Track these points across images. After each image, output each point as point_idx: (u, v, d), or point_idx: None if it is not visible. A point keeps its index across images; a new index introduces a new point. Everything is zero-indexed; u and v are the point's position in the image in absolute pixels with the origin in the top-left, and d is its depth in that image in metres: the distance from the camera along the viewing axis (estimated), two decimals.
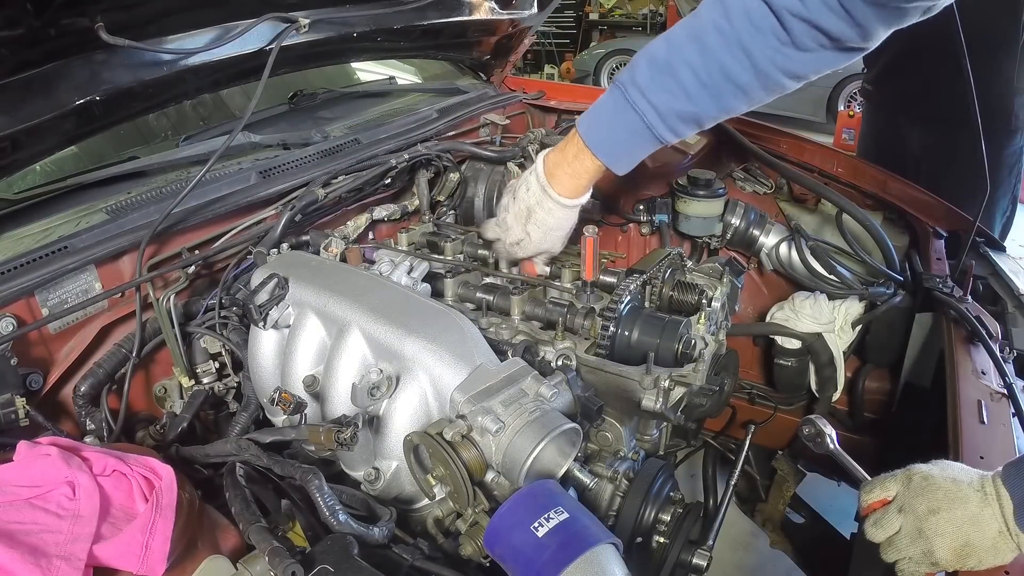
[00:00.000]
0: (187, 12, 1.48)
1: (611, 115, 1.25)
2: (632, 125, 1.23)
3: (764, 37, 1.13)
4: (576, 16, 11.07)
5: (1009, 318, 1.62)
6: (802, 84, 1.22)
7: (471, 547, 0.99)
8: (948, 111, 2.19)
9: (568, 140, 1.31)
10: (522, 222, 1.37)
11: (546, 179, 1.32)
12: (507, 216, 1.40)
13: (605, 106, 1.26)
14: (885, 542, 0.96)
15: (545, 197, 1.33)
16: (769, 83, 1.18)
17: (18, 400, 1.11)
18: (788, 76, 1.18)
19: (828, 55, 1.15)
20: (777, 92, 1.21)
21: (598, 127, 1.27)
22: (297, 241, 1.54)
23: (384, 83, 2.57)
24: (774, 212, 2.19)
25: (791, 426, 2.09)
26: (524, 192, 1.37)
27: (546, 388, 1.04)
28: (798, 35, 1.12)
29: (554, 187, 1.32)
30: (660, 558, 1.19)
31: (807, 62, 1.16)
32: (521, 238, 1.39)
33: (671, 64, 1.18)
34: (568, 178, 1.31)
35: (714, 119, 1.25)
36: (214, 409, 1.43)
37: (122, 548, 0.81)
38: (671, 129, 1.22)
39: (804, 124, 7.46)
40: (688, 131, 1.25)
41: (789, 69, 1.16)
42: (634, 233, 2.23)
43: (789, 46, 1.13)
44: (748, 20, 1.13)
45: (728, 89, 1.18)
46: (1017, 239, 4.02)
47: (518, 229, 1.39)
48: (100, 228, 1.34)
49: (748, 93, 1.19)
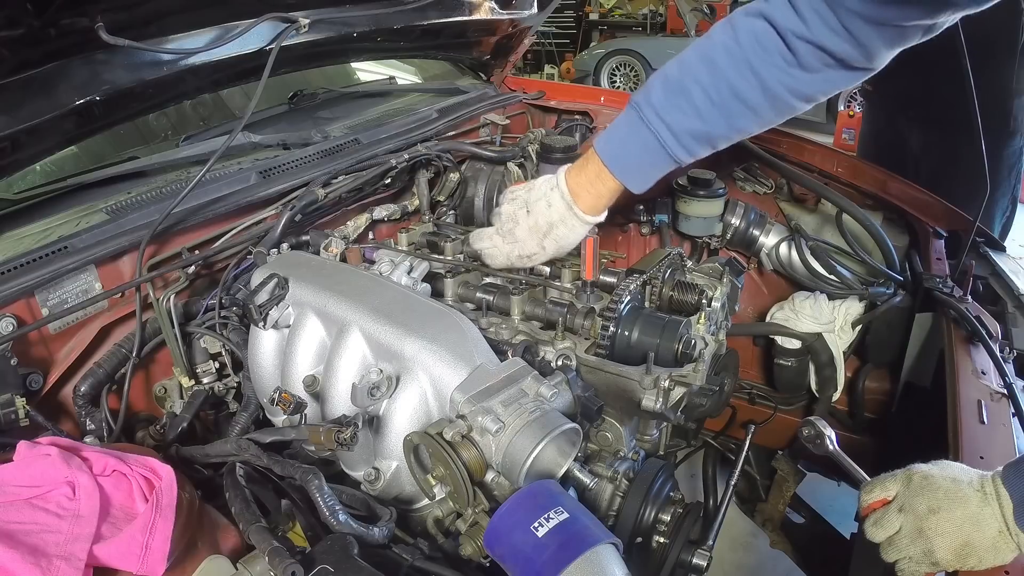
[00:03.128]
0: (187, 12, 1.48)
1: (626, 134, 1.27)
2: (647, 144, 1.25)
3: (771, 58, 1.15)
4: (576, 16, 11.07)
5: (1009, 318, 1.62)
6: (811, 105, 1.24)
7: (471, 547, 0.99)
8: (948, 112, 2.19)
9: (587, 159, 1.32)
10: (539, 237, 1.36)
11: (571, 198, 1.32)
12: (517, 229, 1.38)
13: (621, 126, 1.28)
14: (885, 542, 0.96)
15: (570, 215, 1.33)
16: (777, 103, 1.20)
17: (18, 400, 1.11)
18: (796, 96, 1.20)
19: (834, 75, 1.17)
20: (787, 112, 1.23)
21: (614, 146, 1.29)
22: (297, 241, 1.54)
23: (384, 83, 2.57)
24: (774, 212, 2.19)
25: (791, 426, 2.09)
26: (545, 208, 1.34)
27: (546, 388, 1.04)
28: (803, 56, 1.14)
29: (579, 205, 1.32)
30: (660, 558, 1.19)
31: (814, 83, 1.18)
32: (534, 252, 1.38)
33: (683, 84, 1.21)
34: (591, 197, 1.32)
35: (726, 139, 1.26)
36: (214, 409, 1.43)
37: (122, 548, 0.81)
38: (684, 147, 1.24)
39: (804, 124, 7.46)
40: (701, 150, 1.26)
41: (796, 89, 1.18)
42: (634, 233, 2.23)
43: (796, 67, 1.16)
44: (756, 41, 1.15)
45: (738, 109, 1.20)
46: (1017, 239, 4.02)
47: (532, 243, 1.37)
48: (100, 228, 1.34)
49: (758, 113, 1.21)
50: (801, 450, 2.00)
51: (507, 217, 1.40)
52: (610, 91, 2.65)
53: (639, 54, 9.21)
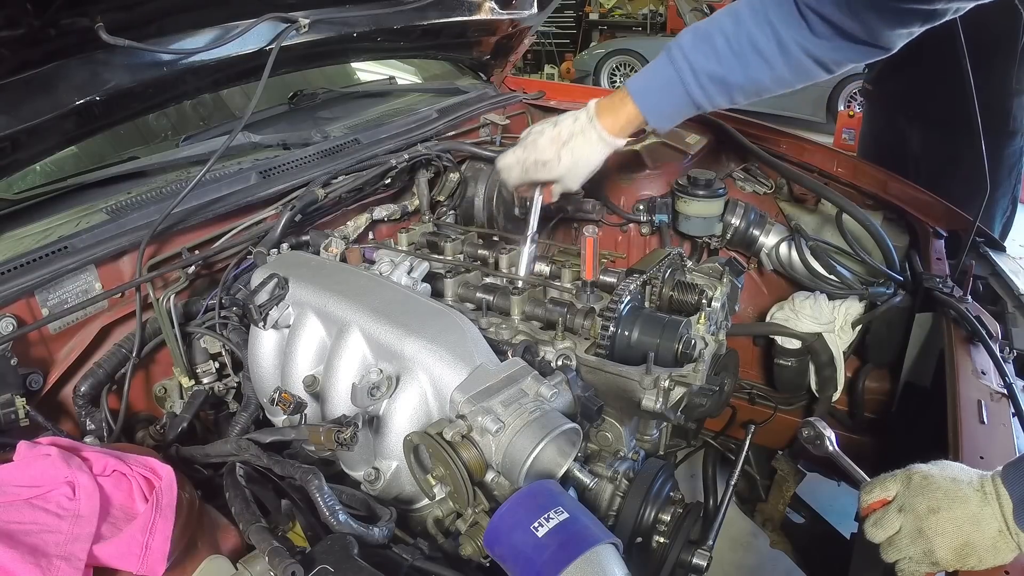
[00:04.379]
0: (187, 12, 1.48)
1: (654, 70, 1.44)
2: (669, 79, 1.40)
3: (787, 17, 1.30)
4: (576, 16, 11.08)
5: (1009, 318, 1.62)
6: (824, 74, 1.35)
7: (471, 547, 0.99)
8: (948, 111, 2.19)
9: (618, 90, 1.48)
10: (558, 145, 1.48)
11: (595, 113, 1.46)
12: (540, 139, 1.49)
13: (652, 65, 1.45)
14: (885, 542, 0.96)
15: (590, 127, 1.46)
16: (791, 60, 1.32)
17: (18, 400, 1.11)
18: (808, 56, 1.31)
19: (843, 45, 1.29)
20: (801, 74, 1.35)
21: (641, 78, 1.45)
22: (297, 241, 1.54)
23: (384, 83, 2.57)
24: (774, 212, 2.19)
25: (791, 426, 2.09)
26: (570, 122, 1.48)
27: (546, 388, 1.04)
28: (813, 23, 1.28)
29: (600, 121, 1.46)
30: (660, 558, 1.19)
31: (824, 48, 1.30)
32: (550, 159, 1.49)
33: (710, 32, 1.37)
34: (611, 118, 1.46)
35: (741, 89, 1.38)
36: (214, 409, 1.43)
37: (122, 548, 0.81)
38: (702, 88, 1.37)
39: (804, 124, 7.46)
40: (718, 96, 1.39)
41: (808, 50, 1.31)
42: (634, 233, 2.23)
43: (806, 30, 1.29)
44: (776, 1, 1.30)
45: (754, 59, 1.33)
46: (1017, 239, 4.02)
47: (551, 151, 1.48)
48: (100, 228, 1.34)
49: (772, 66, 1.33)
50: (801, 450, 2.00)
51: (535, 130, 1.52)
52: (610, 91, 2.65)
53: (639, 54, 9.21)
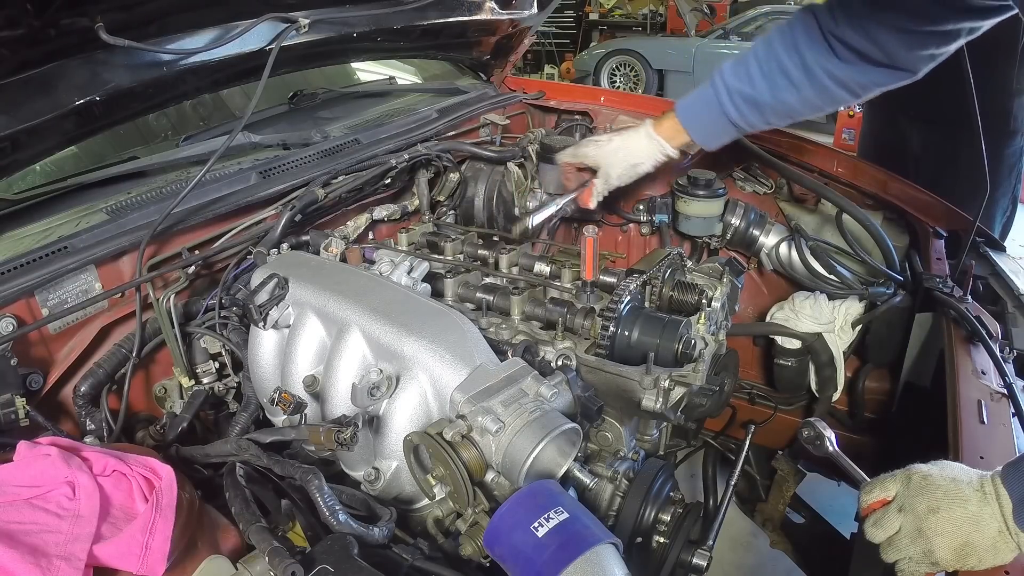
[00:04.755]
0: (187, 12, 1.48)
1: (698, 90, 1.60)
2: (708, 98, 1.55)
3: (813, 44, 1.41)
4: (576, 16, 11.09)
5: (1009, 318, 1.62)
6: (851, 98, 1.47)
7: (471, 547, 0.99)
8: (948, 111, 2.18)
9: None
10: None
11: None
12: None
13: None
14: (885, 542, 0.96)
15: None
16: (816, 83, 1.43)
17: (18, 400, 1.11)
18: (832, 80, 1.41)
19: (867, 69, 1.39)
20: (827, 97, 1.45)
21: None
22: (297, 241, 1.54)
23: (384, 83, 2.57)
24: (774, 212, 2.19)
25: (791, 426, 2.08)
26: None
27: (546, 388, 1.04)
28: (837, 48, 1.39)
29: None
30: (660, 558, 1.19)
31: (849, 72, 1.40)
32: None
33: (746, 57, 1.51)
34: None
35: (772, 109, 1.50)
36: (214, 409, 1.43)
37: (122, 548, 0.81)
38: (736, 107, 1.51)
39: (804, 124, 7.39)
40: (752, 116, 1.51)
41: (832, 73, 1.41)
42: (634, 233, 2.23)
43: (831, 55, 1.40)
44: (804, 28, 1.43)
45: (783, 82, 1.45)
46: (1017, 239, 4.02)
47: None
48: (100, 228, 1.34)
49: (799, 88, 1.45)
50: (801, 450, 2.00)
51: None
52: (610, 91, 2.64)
53: (639, 54, 9.21)
